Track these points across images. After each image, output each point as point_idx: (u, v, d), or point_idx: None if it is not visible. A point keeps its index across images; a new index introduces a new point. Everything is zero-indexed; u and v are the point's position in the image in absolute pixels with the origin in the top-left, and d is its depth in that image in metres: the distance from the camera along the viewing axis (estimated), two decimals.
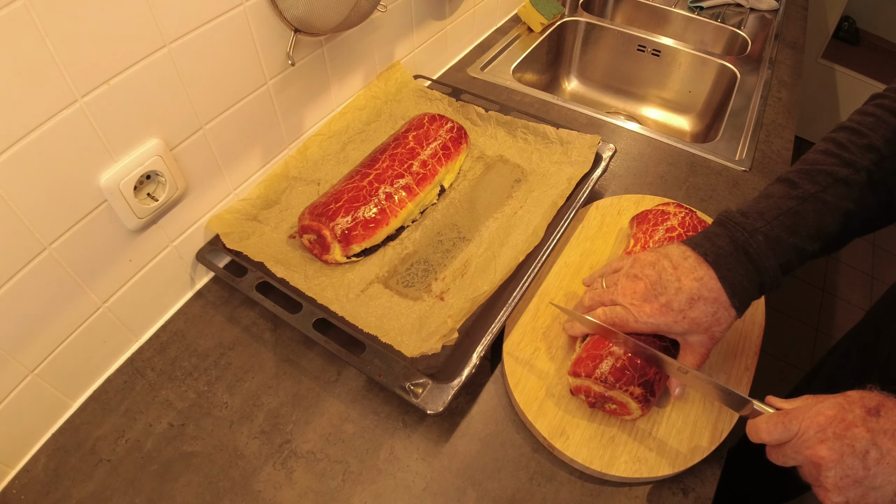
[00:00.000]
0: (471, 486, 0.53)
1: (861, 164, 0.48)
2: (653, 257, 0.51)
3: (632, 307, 0.50)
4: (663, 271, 0.49)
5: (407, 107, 0.86)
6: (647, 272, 0.50)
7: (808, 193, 0.48)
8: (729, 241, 0.48)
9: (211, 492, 0.52)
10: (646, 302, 0.49)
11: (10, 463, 0.54)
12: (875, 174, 0.48)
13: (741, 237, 0.48)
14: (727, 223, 0.50)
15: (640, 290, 0.50)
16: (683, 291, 0.48)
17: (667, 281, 0.49)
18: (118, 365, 0.61)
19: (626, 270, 0.52)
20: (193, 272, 0.67)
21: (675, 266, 0.49)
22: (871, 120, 0.50)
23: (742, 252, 0.48)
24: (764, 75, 1.06)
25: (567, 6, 1.21)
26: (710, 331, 0.48)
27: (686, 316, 0.48)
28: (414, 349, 0.56)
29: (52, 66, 0.44)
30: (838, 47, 2.19)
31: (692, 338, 0.49)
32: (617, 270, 0.55)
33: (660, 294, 0.49)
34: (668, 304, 0.48)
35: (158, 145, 0.55)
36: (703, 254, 0.49)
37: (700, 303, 0.47)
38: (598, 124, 0.94)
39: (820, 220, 0.48)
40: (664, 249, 0.51)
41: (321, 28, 0.63)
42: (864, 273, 1.98)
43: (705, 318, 0.48)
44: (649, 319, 0.49)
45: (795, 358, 1.70)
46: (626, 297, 0.50)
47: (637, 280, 0.50)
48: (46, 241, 0.49)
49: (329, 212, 0.65)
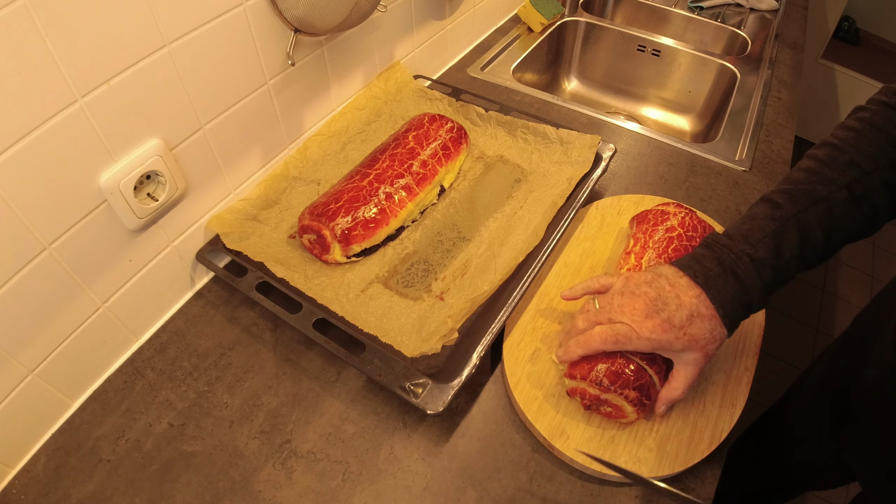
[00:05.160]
0: (471, 486, 0.53)
1: (841, 181, 0.48)
2: (648, 276, 0.51)
3: (633, 324, 0.49)
4: (661, 289, 0.49)
5: (407, 107, 0.86)
6: (645, 290, 0.50)
7: (790, 214, 0.48)
8: (717, 263, 0.49)
9: (211, 492, 0.52)
10: (647, 318, 0.49)
11: (11, 463, 0.54)
12: (857, 190, 0.48)
13: (728, 259, 0.49)
14: (713, 245, 0.50)
15: (639, 306, 0.49)
16: (684, 308, 0.48)
17: (667, 297, 0.49)
18: (118, 365, 0.61)
19: (620, 289, 0.52)
20: (193, 272, 0.67)
21: (672, 284, 0.49)
22: (852, 135, 0.50)
23: (730, 273, 0.48)
24: (764, 75, 1.06)
25: (567, 6, 1.21)
26: (706, 348, 0.49)
27: (686, 332, 0.48)
28: (414, 349, 0.56)
29: (52, 66, 0.44)
30: (838, 47, 2.19)
31: (687, 356, 0.49)
32: (603, 288, 0.54)
33: (661, 310, 0.48)
34: (669, 320, 0.48)
35: (158, 145, 0.55)
36: (692, 275, 0.49)
37: (698, 320, 0.48)
38: (598, 124, 0.94)
39: (802, 239, 0.48)
40: (657, 269, 0.51)
41: (321, 28, 0.63)
42: (864, 273, 1.98)
43: (703, 334, 0.48)
44: (651, 335, 0.48)
45: (795, 358, 1.70)
46: (626, 314, 0.49)
47: (636, 297, 0.50)
48: (46, 241, 0.49)
49: (329, 212, 0.65)
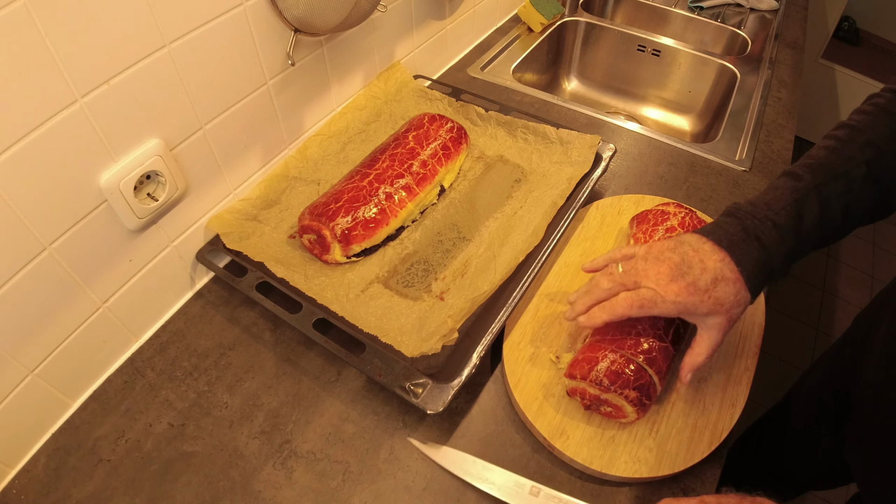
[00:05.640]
0: (471, 486, 0.53)
1: (860, 158, 0.50)
2: (671, 243, 0.52)
3: (658, 287, 0.50)
4: (685, 255, 0.50)
5: (407, 107, 0.86)
6: (669, 255, 0.51)
7: (812, 185, 0.50)
8: (740, 229, 0.50)
9: (211, 492, 0.52)
10: (672, 281, 0.49)
11: (11, 463, 0.54)
12: (874, 168, 0.50)
13: (752, 224, 0.50)
14: (737, 213, 0.51)
15: (664, 270, 0.50)
16: (708, 272, 0.49)
17: (691, 262, 0.50)
18: (118, 365, 0.61)
19: (644, 255, 0.53)
20: (193, 272, 0.67)
21: (696, 250, 0.50)
22: (868, 119, 0.52)
23: (754, 238, 0.49)
24: (764, 75, 1.06)
25: (567, 6, 1.21)
26: (731, 312, 0.49)
27: (711, 296, 0.49)
28: (414, 349, 0.56)
29: (52, 66, 0.44)
30: (838, 47, 2.19)
31: (711, 320, 0.50)
32: (628, 257, 0.55)
33: (685, 273, 0.49)
34: (694, 284, 0.49)
35: (158, 145, 0.55)
36: (716, 240, 0.50)
37: (723, 283, 0.49)
38: (598, 124, 0.94)
39: (823, 210, 0.50)
40: (680, 237, 0.52)
41: (321, 28, 0.63)
42: (864, 273, 1.98)
43: (728, 298, 0.49)
44: (677, 298, 0.49)
45: (795, 358, 1.70)
46: (651, 278, 0.50)
47: (660, 262, 0.51)
48: (46, 241, 0.49)
49: (329, 212, 0.65)
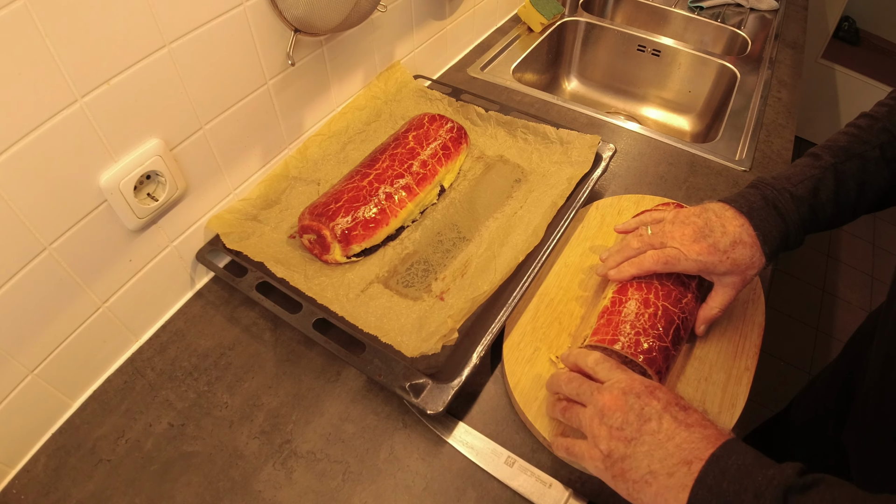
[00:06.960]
0: (471, 486, 0.53)
1: (875, 142, 0.55)
2: (697, 209, 0.58)
3: (682, 247, 0.56)
4: (708, 220, 0.56)
5: (407, 107, 0.86)
6: (693, 219, 0.57)
7: (829, 164, 0.55)
8: (761, 198, 0.56)
9: (211, 492, 0.52)
10: (695, 242, 0.56)
11: (11, 463, 0.54)
12: (888, 151, 0.55)
13: (771, 194, 0.55)
14: (759, 185, 0.57)
15: (688, 233, 0.56)
16: (728, 235, 0.55)
17: (713, 225, 0.56)
18: (118, 365, 0.61)
19: (671, 219, 0.59)
20: (193, 272, 0.67)
21: (719, 215, 0.56)
22: (886, 110, 0.57)
23: (772, 206, 0.55)
24: (764, 75, 1.06)
25: (567, 6, 1.21)
26: (745, 273, 0.56)
27: (729, 257, 0.54)
28: (414, 349, 0.56)
29: (52, 66, 0.44)
30: (838, 47, 2.19)
31: (727, 278, 0.56)
32: (657, 220, 0.61)
33: (707, 236, 0.55)
34: (714, 245, 0.55)
35: (158, 145, 0.55)
36: (738, 207, 0.56)
37: (740, 246, 0.54)
38: (598, 124, 0.94)
39: (838, 186, 0.55)
40: (705, 205, 0.58)
41: (321, 28, 0.63)
42: (864, 273, 1.98)
43: (744, 259, 0.54)
44: (698, 257, 0.55)
45: (795, 358, 1.70)
46: (676, 239, 0.57)
47: (685, 225, 0.57)
48: (46, 241, 0.49)
49: (329, 212, 0.65)
